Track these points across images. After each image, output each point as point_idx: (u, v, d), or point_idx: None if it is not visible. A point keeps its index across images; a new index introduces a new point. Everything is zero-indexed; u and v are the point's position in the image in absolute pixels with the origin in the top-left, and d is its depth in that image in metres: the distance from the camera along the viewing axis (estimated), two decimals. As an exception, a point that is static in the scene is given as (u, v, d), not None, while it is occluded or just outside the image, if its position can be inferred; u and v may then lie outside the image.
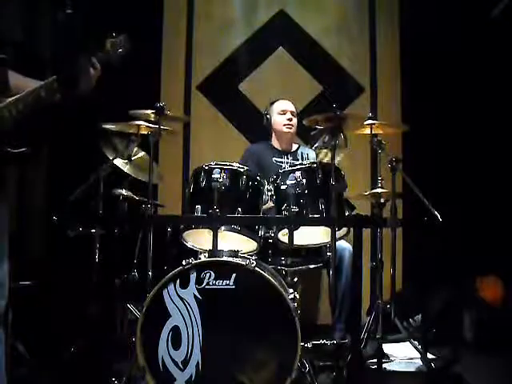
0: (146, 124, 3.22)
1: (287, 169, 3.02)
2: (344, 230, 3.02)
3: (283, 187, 2.89)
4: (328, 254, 3.17)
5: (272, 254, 3.19)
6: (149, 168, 3.06)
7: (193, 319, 2.49)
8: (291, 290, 2.71)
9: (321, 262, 3.28)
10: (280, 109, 3.83)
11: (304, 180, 2.88)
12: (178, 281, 2.51)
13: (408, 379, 3.12)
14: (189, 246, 3.00)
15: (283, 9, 4.74)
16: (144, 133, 3.28)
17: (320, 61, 4.69)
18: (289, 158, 3.77)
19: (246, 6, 4.75)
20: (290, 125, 3.79)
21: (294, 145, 3.92)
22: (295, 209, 2.80)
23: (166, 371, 2.47)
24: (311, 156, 3.76)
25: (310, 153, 3.77)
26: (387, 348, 3.43)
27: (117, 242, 3.47)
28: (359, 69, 4.70)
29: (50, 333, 3.36)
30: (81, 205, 3.26)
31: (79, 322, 3.39)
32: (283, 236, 2.95)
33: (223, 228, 2.82)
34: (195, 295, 2.50)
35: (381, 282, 3.33)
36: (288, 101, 3.88)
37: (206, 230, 2.88)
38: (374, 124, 3.24)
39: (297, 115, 3.83)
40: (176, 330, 2.48)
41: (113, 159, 3.40)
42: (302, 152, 3.82)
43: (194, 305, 2.50)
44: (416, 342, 3.21)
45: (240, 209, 2.82)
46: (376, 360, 2.93)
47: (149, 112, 3.08)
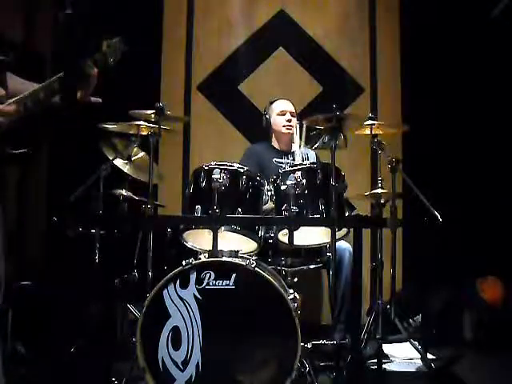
0: (146, 124, 3.21)
1: (287, 169, 3.01)
2: (344, 231, 3.01)
3: (283, 187, 2.87)
4: (328, 255, 3.18)
5: (272, 255, 3.20)
6: (149, 168, 3.06)
7: (193, 319, 2.49)
8: (291, 291, 2.70)
9: (321, 263, 3.28)
10: (279, 109, 3.81)
11: (304, 180, 2.87)
12: (178, 281, 2.51)
13: (408, 379, 3.11)
14: (189, 246, 3.00)
15: (283, 9, 4.75)
16: (144, 133, 3.28)
17: (320, 61, 4.70)
18: (289, 159, 3.75)
19: (246, 6, 4.75)
20: (290, 126, 3.76)
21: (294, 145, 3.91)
22: (295, 209, 2.78)
23: (166, 371, 2.46)
24: (311, 156, 3.75)
25: (310, 153, 3.76)
26: (387, 348, 3.43)
27: (117, 242, 3.47)
28: (359, 69, 4.70)
29: (50, 333, 3.36)
30: (81, 205, 3.26)
31: (79, 322, 3.39)
32: (283, 236, 2.94)
33: (223, 228, 2.81)
34: (195, 295, 2.50)
35: (381, 282, 3.33)
36: (287, 100, 3.86)
37: (206, 231, 2.87)
38: (374, 124, 3.23)
39: (296, 115, 3.83)
40: (176, 331, 2.48)
41: (113, 159, 3.40)
42: (302, 152, 3.81)
43: (194, 305, 2.49)
44: (416, 343, 3.21)
45: (240, 209, 2.81)
46: (376, 360, 2.93)
47: (149, 112, 3.08)
